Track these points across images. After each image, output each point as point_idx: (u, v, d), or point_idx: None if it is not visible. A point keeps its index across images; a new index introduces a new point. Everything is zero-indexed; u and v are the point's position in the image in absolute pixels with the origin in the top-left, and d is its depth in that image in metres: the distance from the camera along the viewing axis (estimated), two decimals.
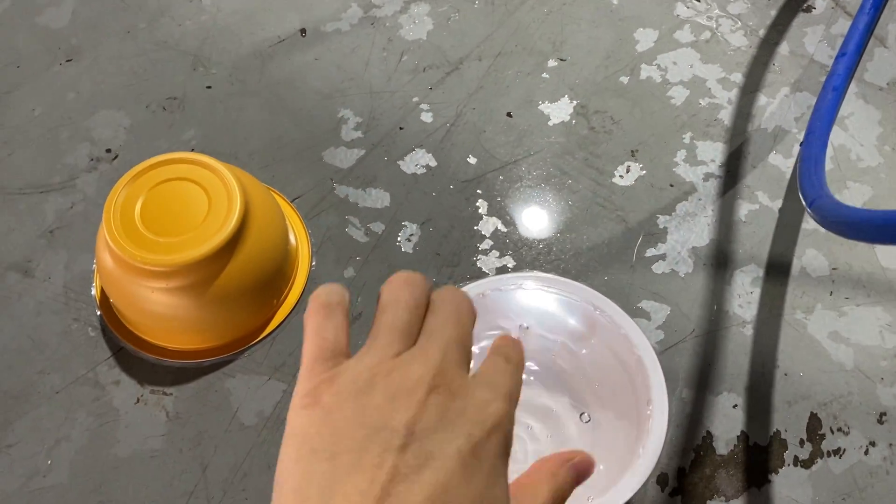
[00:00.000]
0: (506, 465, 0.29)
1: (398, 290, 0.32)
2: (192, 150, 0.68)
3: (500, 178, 0.67)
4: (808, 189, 0.53)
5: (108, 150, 0.68)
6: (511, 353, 0.33)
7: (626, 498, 0.45)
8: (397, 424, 0.27)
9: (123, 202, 0.53)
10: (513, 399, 0.30)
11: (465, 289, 0.52)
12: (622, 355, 0.52)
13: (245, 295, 0.56)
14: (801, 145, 0.63)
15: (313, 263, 0.63)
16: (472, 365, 0.35)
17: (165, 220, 0.53)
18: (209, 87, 0.72)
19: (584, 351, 0.54)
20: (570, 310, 0.55)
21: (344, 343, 0.32)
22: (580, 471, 0.32)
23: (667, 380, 0.58)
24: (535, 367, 0.56)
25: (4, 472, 0.54)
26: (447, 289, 0.34)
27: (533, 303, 0.55)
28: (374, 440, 0.27)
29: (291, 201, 0.66)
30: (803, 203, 0.53)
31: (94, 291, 0.61)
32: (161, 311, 0.55)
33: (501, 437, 0.28)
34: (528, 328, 0.56)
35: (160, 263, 0.51)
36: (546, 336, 0.55)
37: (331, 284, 0.34)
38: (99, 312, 0.60)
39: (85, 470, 0.54)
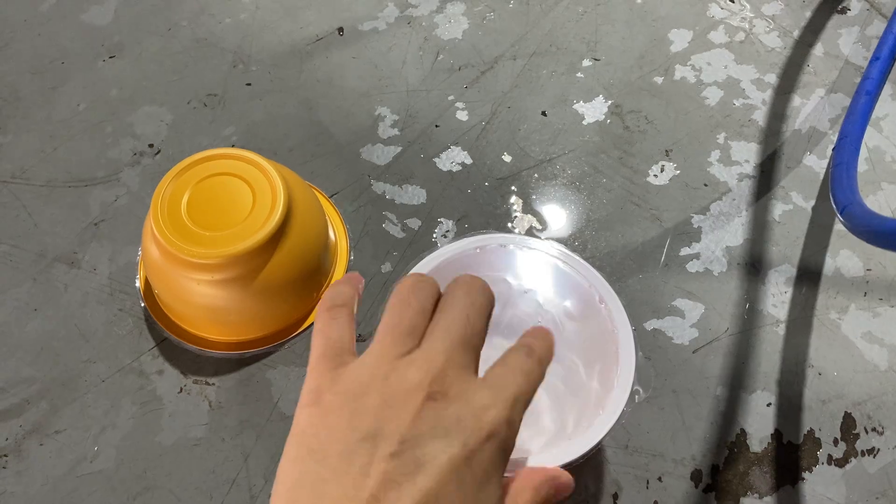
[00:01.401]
0: (501, 471, 0.29)
1: (406, 292, 0.33)
2: (233, 145, 0.69)
3: (535, 175, 0.68)
4: (839, 195, 0.53)
5: (151, 145, 0.70)
6: (535, 346, 0.33)
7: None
8: (390, 431, 0.27)
9: (170, 196, 0.54)
10: (518, 402, 0.30)
11: (477, 239, 0.52)
12: (604, 345, 0.50)
13: (287, 288, 0.57)
14: (833, 150, 0.64)
15: (352, 258, 0.64)
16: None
17: (211, 214, 0.54)
18: (249, 84, 0.73)
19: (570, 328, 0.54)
20: (573, 289, 0.53)
21: (349, 342, 0.33)
22: (559, 489, 0.33)
23: (701, 378, 0.59)
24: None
25: (53, 457, 0.55)
26: (461, 281, 0.34)
27: (541, 269, 0.54)
28: (365, 446, 0.27)
29: (330, 197, 0.67)
30: (834, 209, 0.54)
31: (138, 283, 0.63)
32: (205, 303, 0.56)
33: (497, 445, 0.28)
34: (526, 293, 0.55)
35: (206, 256, 0.52)
36: (541, 305, 0.55)
37: (339, 285, 0.35)
38: (143, 304, 0.62)
39: (130, 456, 0.56)
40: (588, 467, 0.55)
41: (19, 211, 0.66)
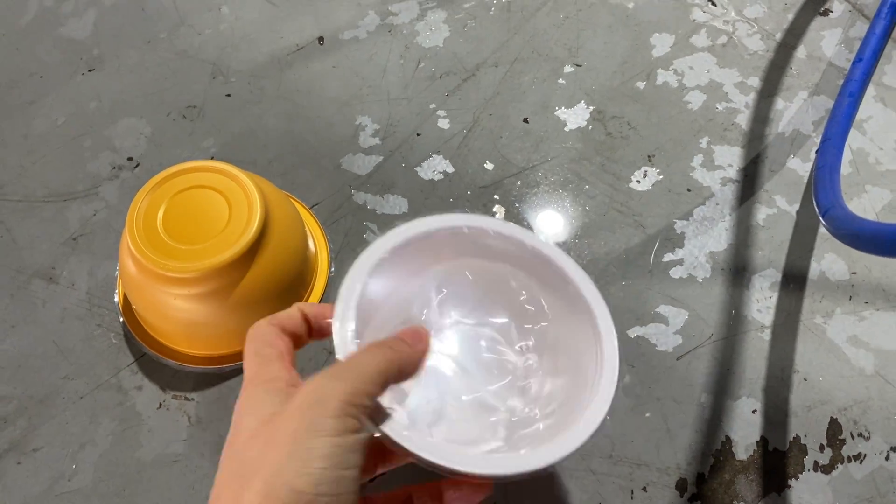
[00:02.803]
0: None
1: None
2: (212, 157, 0.69)
3: (518, 183, 0.68)
4: (822, 198, 0.53)
5: (130, 159, 0.69)
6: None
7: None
8: None
9: (146, 210, 0.54)
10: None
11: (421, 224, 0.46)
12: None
13: (266, 301, 0.57)
14: (816, 152, 0.63)
15: (332, 269, 0.64)
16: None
17: (187, 228, 0.53)
18: (228, 96, 0.73)
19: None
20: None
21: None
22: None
23: (685, 385, 0.58)
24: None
25: (30, 475, 0.55)
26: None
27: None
28: None
29: (310, 208, 0.66)
30: (817, 212, 0.53)
31: (116, 298, 0.62)
32: (183, 318, 0.55)
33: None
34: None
35: (182, 270, 0.51)
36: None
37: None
38: (122, 319, 0.61)
39: (109, 474, 0.55)
40: (571, 478, 0.54)
41: None
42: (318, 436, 0.29)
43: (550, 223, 0.65)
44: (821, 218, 0.52)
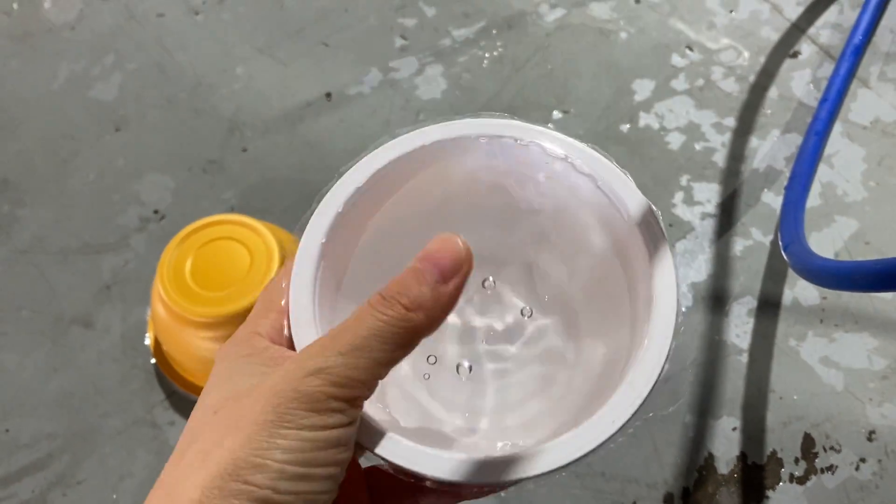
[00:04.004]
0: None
1: None
2: (232, 208, 0.75)
3: None
4: (784, 234, 0.59)
5: (156, 211, 0.75)
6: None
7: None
8: None
9: (175, 261, 0.60)
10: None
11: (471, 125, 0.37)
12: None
13: None
14: (784, 189, 0.69)
15: None
16: None
17: (213, 276, 0.59)
18: (245, 150, 0.79)
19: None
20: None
21: None
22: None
23: (670, 405, 0.63)
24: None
25: None
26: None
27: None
28: None
29: None
30: (780, 246, 0.59)
31: (147, 341, 0.68)
32: (210, 357, 0.61)
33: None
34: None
35: (209, 315, 0.57)
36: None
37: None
38: (153, 360, 0.67)
39: None
40: (566, 495, 0.59)
41: (37, 278, 0.72)
42: (287, 426, 0.23)
43: None
44: (782, 252, 0.58)
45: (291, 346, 0.29)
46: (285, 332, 0.29)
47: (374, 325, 0.24)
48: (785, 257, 0.57)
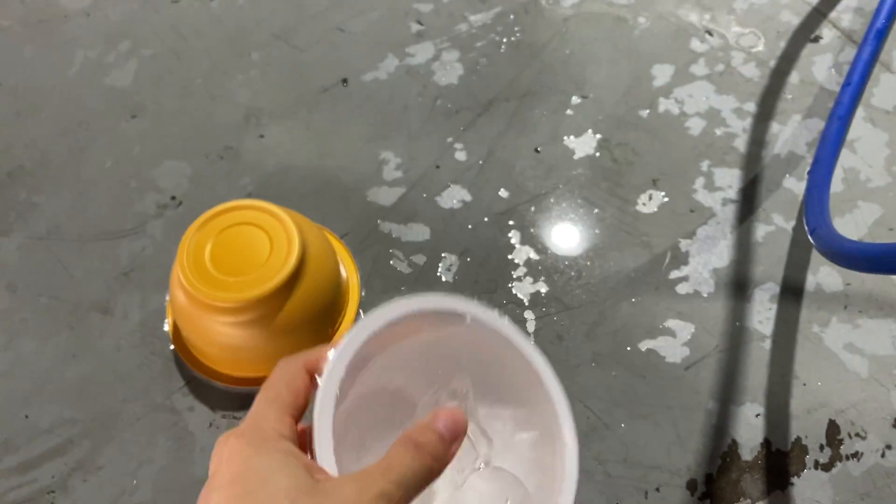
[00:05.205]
0: None
1: None
2: (249, 194, 0.75)
3: (532, 209, 0.73)
4: (809, 218, 0.58)
5: (173, 198, 0.75)
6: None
7: None
8: None
9: (195, 246, 0.60)
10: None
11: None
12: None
13: (304, 326, 0.62)
14: (808, 173, 0.68)
15: (363, 294, 0.69)
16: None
17: (233, 262, 0.59)
18: (262, 136, 0.79)
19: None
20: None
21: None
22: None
23: (693, 393, 0.63)
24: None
25: (96, 491, 0.60)
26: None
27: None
28: None
29: (340, 238, 0.72)
30: (806, 230, 0.58)
31: (166, 327, 0.68)
32: (229, 343, 0.61)
33: None
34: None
35: (229, 300, 0.57)
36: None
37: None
38: (172, 346, 0.66)
39: (166, 489, 0.60)
40: (589, 480, 0.59)
41: (55, 265, 0.71)
42: None
43: (563, 245, 0.71)
44: (809, 236, 0.57)
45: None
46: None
47: (413, 465, 0.31)
48: (811, 241, 0.57)
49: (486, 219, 0.73)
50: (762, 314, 0.66)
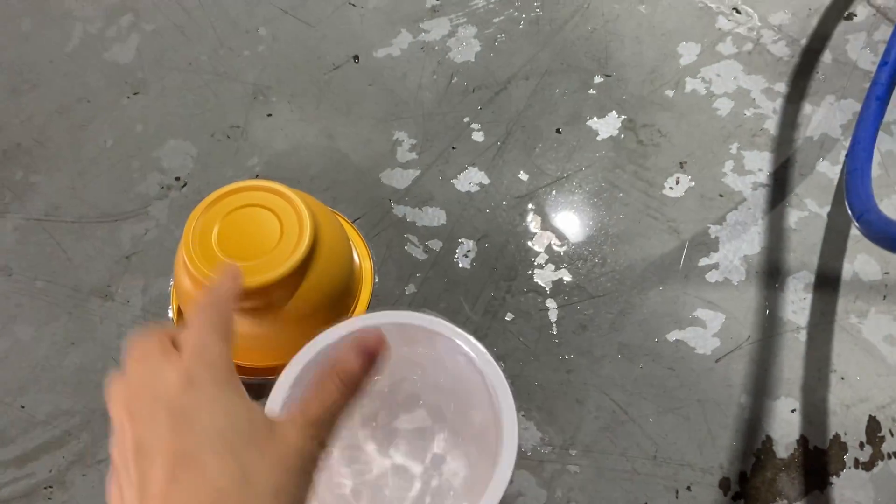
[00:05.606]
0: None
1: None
2: (257, 175, 0.71)
3: (552, 192, 0.70)
4: (855, 203, 0.54)
5: (178, 178, 0.72)
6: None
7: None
8: None
9: (201, 228, 0.56)
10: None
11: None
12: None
13: (316, 313, 0.59)
14: (846, 156, 0.65)
15: (376, 281, 0.66)
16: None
17: (241, 245, 0.56)
18: (270, 115, 0.75)
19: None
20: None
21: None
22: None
23: (724, 386, 0.60)
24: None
25: (96, 486, 0.57)
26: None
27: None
28: None
29: (353, 222, 0.68)
30: (850, 216, 0.55)
31: (171, 313, 0.65)
32: (239, 331, 0.58)
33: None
34: None
35: None
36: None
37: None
38: None
39: None
40: (616, 479, 0.56)
41: (53, 248, 0.68)
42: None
43: (586, 231, 0.67)
44: (855, 222, 0.54)
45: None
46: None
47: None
48: (857, 227, 0.53)
49: (504, 203, 0.69)
50: (796, 304, 0.63)
